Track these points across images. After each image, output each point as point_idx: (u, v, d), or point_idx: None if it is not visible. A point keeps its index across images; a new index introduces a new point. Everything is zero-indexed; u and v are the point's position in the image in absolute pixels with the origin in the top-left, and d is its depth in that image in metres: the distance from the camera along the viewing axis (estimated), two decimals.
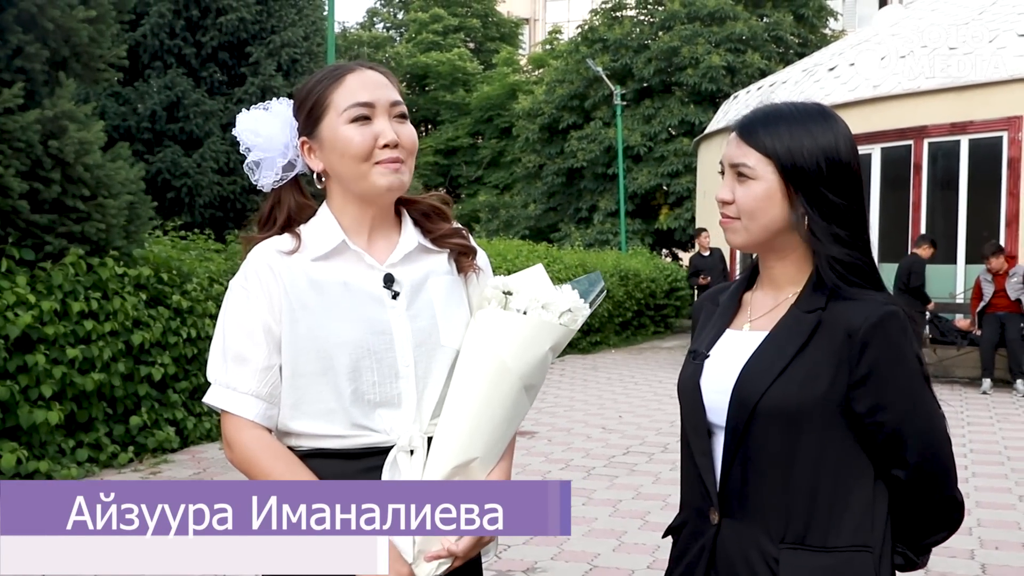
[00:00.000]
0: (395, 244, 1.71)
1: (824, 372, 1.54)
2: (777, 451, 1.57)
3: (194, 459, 6.67)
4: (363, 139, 1.63)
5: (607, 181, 22.34)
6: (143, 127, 10.71)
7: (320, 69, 1.74)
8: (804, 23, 23.12)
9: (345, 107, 1.64)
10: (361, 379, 1.62)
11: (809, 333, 1.57)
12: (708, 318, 1.77)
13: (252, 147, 1.70)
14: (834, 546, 1.53)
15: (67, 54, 6.32)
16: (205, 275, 7.45)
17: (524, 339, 1.63)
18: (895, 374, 1.54)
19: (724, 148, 1.67)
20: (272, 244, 1.67)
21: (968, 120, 10.98)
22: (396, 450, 1.62)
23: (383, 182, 1.64)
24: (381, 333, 1.63)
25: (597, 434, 7.79)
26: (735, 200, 1.62)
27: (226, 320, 1.66)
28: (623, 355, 14.47)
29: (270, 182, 1.71)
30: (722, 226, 1.67)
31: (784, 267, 1.66)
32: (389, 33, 35.63)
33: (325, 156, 1.68)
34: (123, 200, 6.48)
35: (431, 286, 1.70)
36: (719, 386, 1.64)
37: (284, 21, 11.28)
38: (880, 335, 1.53)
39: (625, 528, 5.03)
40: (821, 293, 1.60)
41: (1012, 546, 4.74)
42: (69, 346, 5.98)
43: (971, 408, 8.97)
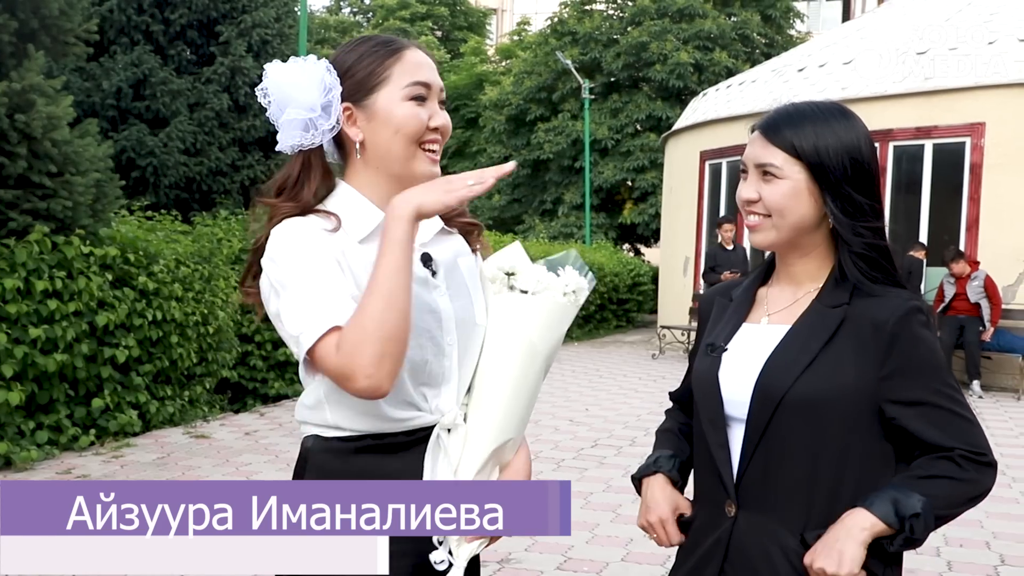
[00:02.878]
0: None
1: (851, 365, 1.57)
2: (801, 443, 1.58)
3: (157, 443, 6.57)
4: (419, 120, 1.59)
5: (573, 174, 22.37)
6: (108, 104, 10.51)
7: (364, 37, 1.67)
8: (771, 24, 23.32)
9: (406, 83, 1.59)
10: (416, 357, 1.56)
11: (835, 328, 1.60)
12: (722, 312, 1.78)
13: (284, 103, 1.59)
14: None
15: (36, 26, 6.17)
16: (172, 257, 7.32)
17: (548, 320, 1.66)
18: (925, 366, 1.57)
19: (747, 149, 1.67)
20: (309, 223, 1.55)
21: (933, 125, 11.14)
22: (439, 428, 1.60)
23: (425, 169, 1.61)
24: (432, 312, 1.59)
25: (565, 426, 7.80)
26: (761, 199, 1.63)
27: (290, 279, 1.49)
28: (587, 348, 14.51)
29: (295, 144, 1.60)
30: (749, 227, 1.67)
31: (805, 264, 1.69)
32: (356, 18, 35.32)
33: (372, 128, 1.60)
34: (90, 178, 6.36)
35: (462, 266, 1.68)
36: (739, 379, 1.65)
37: (256, 2, 11.14)
38: (908, 329, 1.57)
39: (597, 520, 5.04)
40: (843, 289, 1.63)
41: (975, 544, 4.83)
42: (32, 325, 5.85)
43: None
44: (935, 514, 1.53)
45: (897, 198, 11.71)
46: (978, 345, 9.97)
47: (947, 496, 1.54)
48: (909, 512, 1.50)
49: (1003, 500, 5.68)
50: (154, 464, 5.99)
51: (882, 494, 1.54)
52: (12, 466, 5.66)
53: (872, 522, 1.51)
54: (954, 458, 1.56)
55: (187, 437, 6.83)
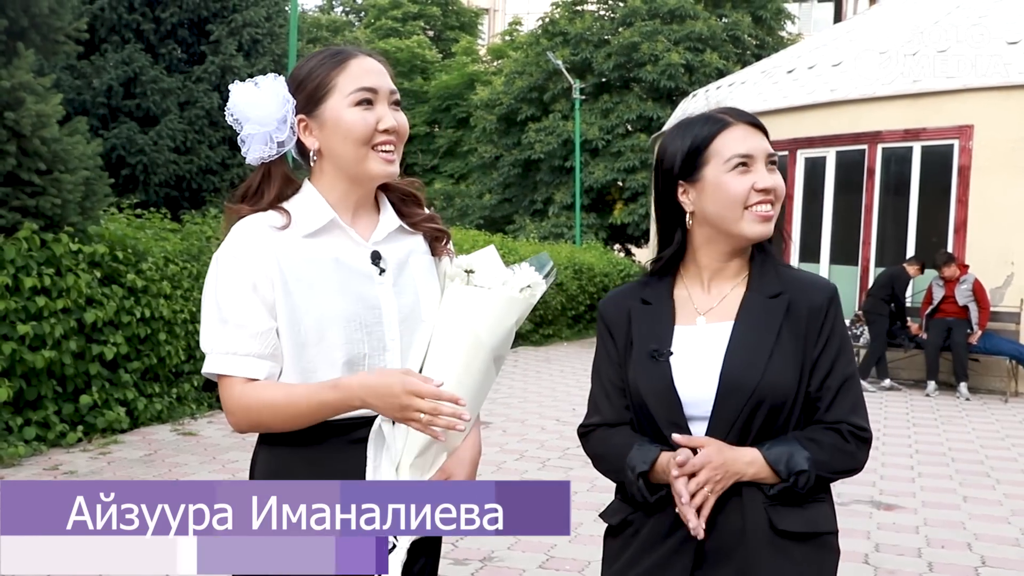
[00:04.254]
0: (375, 223, 1.79)
1: (796, 353, 1.69)
2: (763, 431, 1.69)
3: (144, 440, 6.58)
4: (365, 123, 1.70)
5: (563, 174, 22.39)
6: (98, 102, 10.51)
7: (317, 51, 1.78)
8: (762, 25, 23.38)
9: (350, 91, 1.70)
10: (353, 351, 1.68)
11: (782, 317, 1.70)
12: (644, 317, 1.78)
13: (245, 121, 1.72)
14: (804, 501, 1.71)
15: (26, 24, 6.18)
16: (160, 255, 7.33)
17: (495, 313, 1.70)
18: (845, 345, 1.73)
19: (747, 142, 1.71)
20: (262, 219, 1.71)
21: (921, 127, 11.19)
22: (380, 419, 1.67)
23: (379, 169, 1.73)
24: (372, 308, 1.70)
25: (551, 426, 7.83)
26: (774, 187, 1.72)
27: (218, 289, 1.68)
28: (576, 348, 14.55)
29: (258, 157, 1.73)
30: (765, 218, 1.71)
31: (743, 257, 1.79)
32: (348, 18, 35.29)
33: (324, 136, 1.72)
34: (79, 175, 6.36)
35: (413, 264, 1.78)
36: (697, 379, 1.70)
37: (246, 1, 11.13)
38: (834, 309, 1.73)
39: (581, 520, 5.07)
40: (770, 276, 1.74)
41: (957, 545, 4.87)
42: (20, 322, 5.85)
43: (916, 410, 9.18)
44: (816, 474, 1.66)
45: (886, 200, 11.76)
46: (966, 347, 10.01)
47: (828, 463, 1.68)
48: (796, 468, 1.65)
49: (986, 502, 5.73)
50: (141, 461, 6.00)
51: (780, 446, 1.67)
52: (0, 462, 5.66)
53: (762, 466, 1.66)
54: (842, 431, 1.70)
55: (175, 434, 6.84)
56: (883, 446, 7.33)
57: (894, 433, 7.92)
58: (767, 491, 1.67)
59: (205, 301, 1.70)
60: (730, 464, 1.66)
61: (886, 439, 7.64)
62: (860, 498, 5.70)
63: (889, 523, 5.23)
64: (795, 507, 1.69)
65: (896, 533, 5.04)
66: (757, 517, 1.67)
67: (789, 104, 12.49)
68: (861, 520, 5.25)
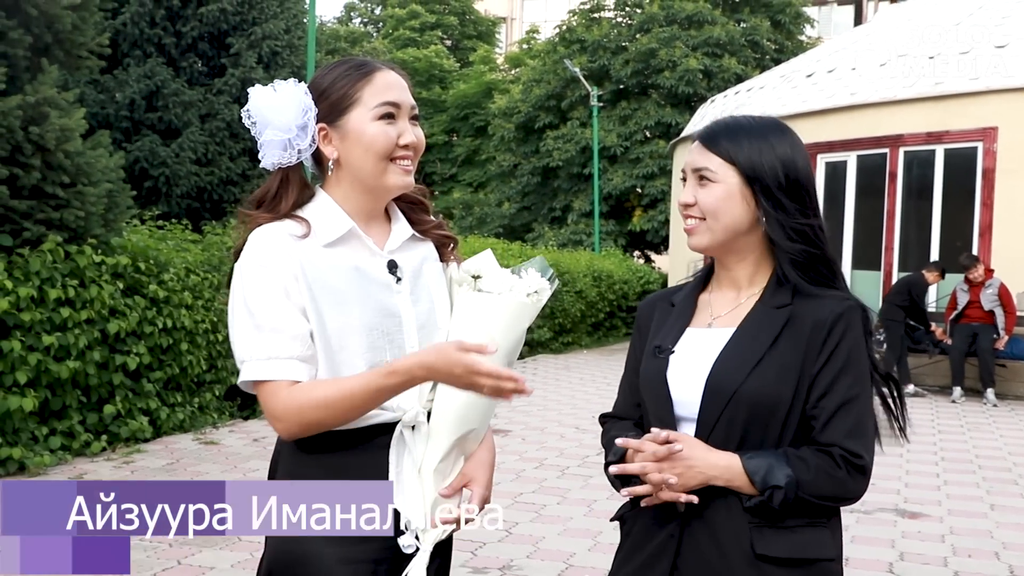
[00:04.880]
0: (388, 232, 1.80)
1: (794, 368, 1.65)
2: (747, 439, 1.67)
3: (167, 449, 6.62)
4: (388, 138, 1.72)
5: (582, 181, 22.38)
6: (121, 116, 10.60)
7: (339, 60, 1.79)
8: (781, 29, 23.30)
9: (375, 104, 1.72)
10: (375, 358, 1.69)
11: (781, 327, 1.68)
12: (664, 317, 1.84)
13: (265, 126, 1.72)
14: (795, 524, 1.65)
15: (50, 40, 6.26)
16: (182, 265, 7.39)
17: (508, 319, 1.73)
18: (849, 364, 1.66)
19: (686, 157, 1.76)
20: (282, 228, 1.70)
21: (944, 130, 11.10)
22: (401, 425, 1.71)
23: (397, 182, 1.75)
24: (391, 316, 1.72)
25: (571, 433, 7.82)
26: (697, 202, 1.73)
27: (248, 296, 1.66)
28: (595, 356, 14.52)
29: (274, 162, 1.74)
30: (686, 231, 1.77)
31: (745, 267, 1.77)
32: (366, 28, 35.46)
33: (345, 147, 1.73)
34: (102, 188, 6.43)
35: (426, 272, 1.81)
36: (688, 379, 1.72)
37: (266, 13, 11.21)
38: (842, 326, 1.66)
39: (600, 528, 5.06)
40: (785, 290, 1.71)
41: (984, 554, 4.82)
42: (45, 333, 5.92)
43: (942, 416, 9.10)
44: (797, 494, 1.61)
45: (908, 204, 11.69)
46: (992, 353, 9.90)
47: (812, 485, 1.62)
48: (772, 483, 1.60)
49: (1014, 510, 5.67)
50: (164, 469, 6.04)
51: (762, 456, 1.63)
52: (26, 471, 5.72)
53: (739, 473, 1.63)
54: (833, 455, 1.64)
55: (196, 443, 6.88)
56: (908, 453, 7.27)
57: (919, 440, 7.84)
58: (744, 502, 1.63)
59: (235, 311, 1.68)
60: (698, 461, 1.64)
61: (911, 446, 7.55)
62: (884, 506, 5.65)
63: (914, 532, 5.18)
64: (782, 529, 1.64)
65: (921, 542, 5.00)
66: (738, 537, 1.64)
67: (809, 108, 12.44)
68: (885, 529, 5.21)
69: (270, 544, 1.75)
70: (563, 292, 14.51)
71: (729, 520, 1.65)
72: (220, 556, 4.40)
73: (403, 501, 1.69)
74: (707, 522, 1.67)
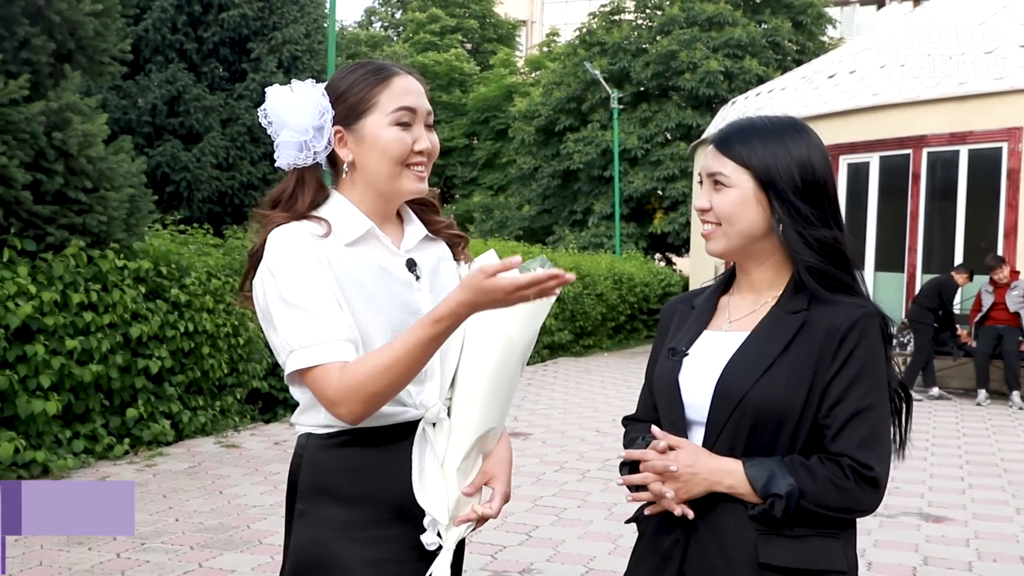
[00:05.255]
0: (402, 232, 1.82)
1: (806, 375, 1.62)
2: (755, 446, 1.64)
3: (188, 452, 6.66)
4: (403, 144, 1.72)
5: (603, 184, 22.34)
6: (143, 121, 10.68)
7: (358, 63, 1.79)
8: (802, 30, 23.17)
9: (391, 109, 1.72)
10: None
11: (794, 333, 1.65)
12: (683, 319, 1.84)
13: (281, 126, 1.73)
14: (803, 534, 1.61)
15: (72, 47, 6.30)
16: (203, 269, 7.43)
17: (524, 315, 1.73)
18: (864, 373, 1.62)
19: (702, 160, 1.75)
20: (302, 228, 1.69)
21: (968, 130, 11.00)
22: (424, 423, 1.72)
23: (411, 187, 1.76)
24: (414, 313, 1.71)
25: (592, 437, 7.80)
26: (712, 207, 1.71)
27: (284, 291, 1.63)
28: (616, 359, 14.48)
29: (289, 162, 1.75)
30: (703, 236, 1.75)
31: (763, 272, 1.74)
32: (387, 33, 35.59)
33: (360, 150, 1.74)
34: (124, 193, 6.48)
35: (443, 270, 1.83)
36: (700, 382, 1.70)
37: (286, 18, 11.26)
38: (857, 333, 1.62)
39: (621, 531, 5.03)
40: (802, 296, 1.68)
41: (1010, 559, 4.76)
42: (68, 337, 5.96)
43: (966, 419, 9.00)
44: (801, 504, 1.58)
45: (932, 205, 11.58)
46: (1017, 355, 9.78)
47: (817, 496, 1.58)
48: (772, 491, 1.57)
49: None
50: (185, 473, 6.08)
51: (765, 463, 1.60)
52: (49, 474, 5.77)
53: (741, 480, 1.60)
54: (842, 465, 1.60)
55: (218, 447, 6.92)
56: (932, 456, 7.20)
57: (943, 443, 7.77)
58: (748, 510, 1.61)
59: (272, 308, 1.65)
60: (701, 467, 1.63)
61: (935, 449, 7.51)
62: (908, 510, 5.60)
63: (938, 536, 5.13)
64: (790, 538, 1.60)
65: (945, 546, 4.94)
66: (744, 544, 1.62)
67: (831, 109, 12.37)
68: (909, 533, 5.16)
69: (292, 549, 1.75)
70: (584, 295, 14.48)
71: (735, 527, 1.63)
72: (241, 559, 4.42)
73: (427, 499, 1.69)
74: (713, 528, 1.65)
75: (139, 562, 4.33)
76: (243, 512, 5.19)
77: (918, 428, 8.34)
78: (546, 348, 13.58)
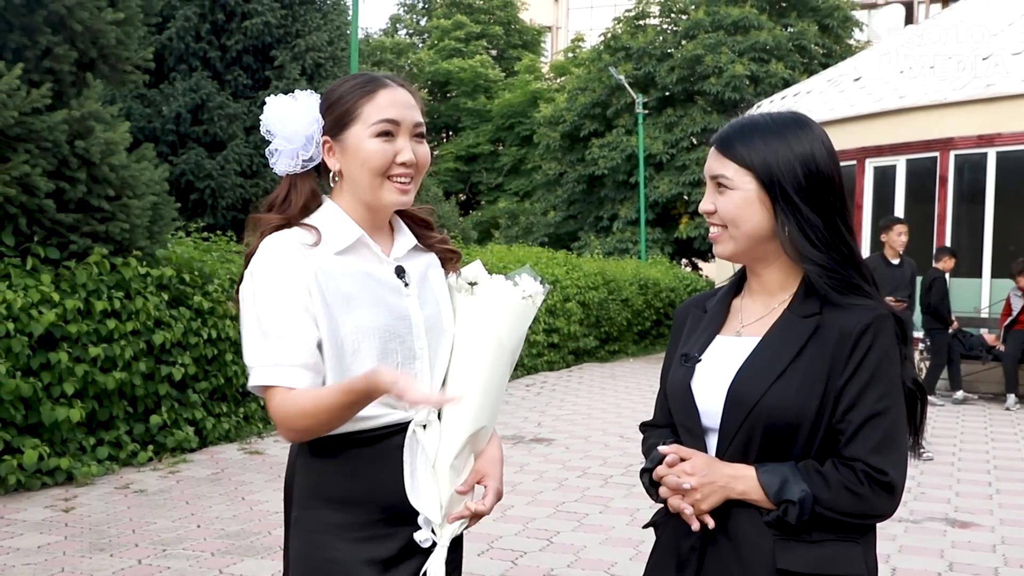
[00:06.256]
0: (392, 241, 1.86)
1: (819, 380, 1.59)
2: (768, 453, 1.62)
3: (212, 459, 6.69)
4: (384, 155, 1.76)
5: (628, 189, 22.28)
6: (168, 129, 10.79)
7: (353, 75, 1.84)
8: (829, 33, 23.01)
9: (373, 121, 1.76)
10: (388, 360, 1.74)
11: (807, 338, 1.62)
12: (696, 323, 1.81)
13: (277, 135, 1.78)
14: (821, 539, 1.59)
15: (95, 56, 6.36)
16: (226, 276, 7.47)
17: (513, 319, 1.79)
18: (877, 376, 1.58)
19: (706, 163, 1.73)
20: (292, 236, 1.75)
21: (996, 132, 10.87)
22: (414, 424, 1.75)
23: (392, 199, 1.79)
24: (402, 319, 1.77)
25: (615, 442, 7.76)
26: (716, 210, 1.69)
27: (258, 303, 1.71)
28: (641, 364, 14.42)
29: (286, 169, 1.80)
30: (711, 239, 1.73)
31: (772, 273, 1.72)
32: (411, 40, 35.73)
33: (345, 160, 1.79)
34: (147, 201, 6.52)
35: (431, 277, 1.87)
36: (712, 389, 1.68)
37: (309, 26, 11.34)
38: (870, 336, 1.59)
39: (643, 537, 5.00)
40: (814, 299, 1.65)
41: None
42: (92, 344, 6.01)
43: (995, 424, 8.87)
44: (815, 510, 1.56)
45: (959, 208, 11.44)
46: None
47: (831, 502, 1.56)
48: (785, 497, 1.55)
49: None
50: (209, 479, 6.10)
51: (777, 469, 1.58)
52: (74, 481, 5.81)
53: (754, 486, 1.58)
54: (855, 470, 1.57)
55: (242, 453, 6.94)
56: (959, 461, 7.10)
57: (970, 448, 7.66)
58: (763, 516, 1.59)
59: (245, 316, 1.73)
60: (716, 475, 1.62)
61: (962, 454, 7.40)
62: (934, 515, 5.52)
63: (964, 541, 5.05)
64: (807, 544, 1.58)
65: (971, 552, 4.86)
66: (760, 550, 1.60)
67: (856, 112, 12.26)
68: (934, 538, 5.08)
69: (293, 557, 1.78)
70: (609, 300, 14.44)
71: (752, 533, 1.61)
72: (262, 565, 4.42)
73: (419, 499, 1.73)
74: (729, 534, 1.63)
75: (160, 568, 4.34)
76: (265, 519, 5.20)
77: (945, 432, 8.23)
78: (571, 354, 13.55)
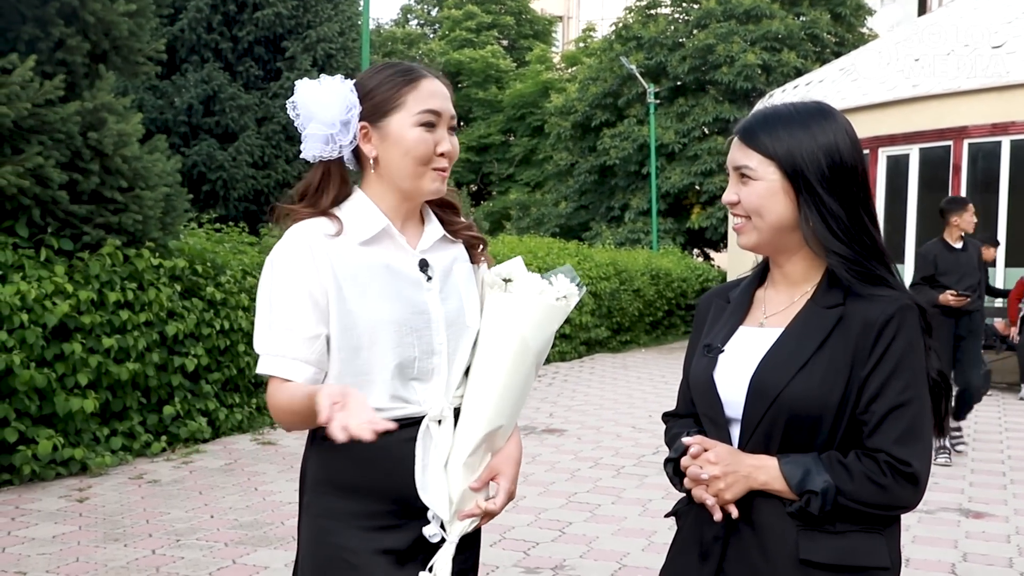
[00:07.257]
0: (421, 232, 1.85)
1: (842, 371, 1.58)
2: (791, 444, 1.61)
3: (225, 450, 6.71)
4: (427, 145, 1.76)
5: (639, 179, 22.22)
6: (180, 120, 10.81)
7: (388, 63, 1.84)
8: (841, 22, 22.87)
9: (417, 111, 1.76)
10: (404, 354, 1.74)
11: (830, 328, 1.61)
12: (719, 314, 1.81)
13: (309, 119, 1.76)
14: (845, 529, 1.58)
15: (107, 47, 6.37)
16: (239, 268, 7.49)
17: (538, 319, 1.78)
18: (901, 367, 1.58)
19: (729, 153, 1.73)
20: (316, 226, 1.75)
21: (1010, 120, 10.80)
22: (428, 420, 1.75)
23: (432, 187, 1.79)
24: (421, 313, 1.76)
25: (627, 433, 7.76)
26: (740, 200, 1.68)
27: (272, 292, 1.73)
28: (653, 354, 14.40)
29: (314, 155, 1.79)
30: (735, 230, 1.73)
31: (795, 264, 1.71)
32: (423, 30, 35.66)
33: (384, 148, 1.77)
34: (160, 192, 6.54)
35: (456, 271, 1.85)
36: (735, 380, 1.67)
37: (320, 17, 11.33)
38: (893, 327, 1.58)
39: (655, 527, 5.00)
40: (838, 290, 1.64)
41: None
42: (105, 335, 6.03)
43: (1009, 414, 8.83)
44: (838, 500, 1.55)
45: (973, 197, 11.31)
46: None
47: (854, 492, 1.56)
48: (809, 487, 1.55)
49: None
50: (222, 470, 6.13)
51: (800, 460, 1.58)
52: (88, 471, 5.85)
53: (776, 477, 1.58)
54: (878, 461, 1.57)
55: (254, 444, 6.97)
56: (973, 452, 7.07)
57: (985, 438, 7.63)
58: (786, 507, 1.59)
59: (259, 302, 1.75)
60: (739, 465, 1.61)
61: (976, 444, 7.37)
62: (948, 506, 5.50)
63: (978, 532, 5.03)
64: (831, 534, 1.58)
65: (985, 542, 4.85)
66: (784, 541, 1.60)
67: (869, 101, 12.19)
68: (948, 529, 5.07)
69: (302, 543, 1.79)
70: (621, 291, 14.42)
71: (776, 523, 1.60)
72: (275, 555, 4.44)
73: (429, 495, 1.73)
74: (753, 525, 1.63)
75: (173, 558, 4.36)
76: (278, 509, 5.22)
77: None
78: (583, 344, 13.54)
